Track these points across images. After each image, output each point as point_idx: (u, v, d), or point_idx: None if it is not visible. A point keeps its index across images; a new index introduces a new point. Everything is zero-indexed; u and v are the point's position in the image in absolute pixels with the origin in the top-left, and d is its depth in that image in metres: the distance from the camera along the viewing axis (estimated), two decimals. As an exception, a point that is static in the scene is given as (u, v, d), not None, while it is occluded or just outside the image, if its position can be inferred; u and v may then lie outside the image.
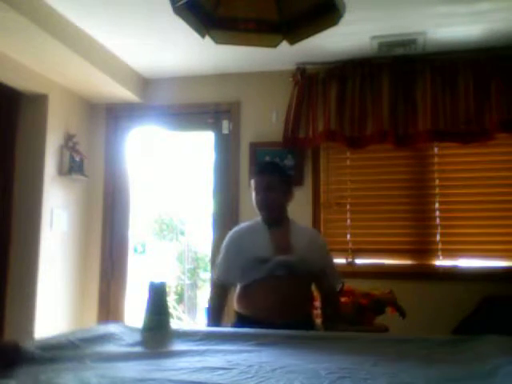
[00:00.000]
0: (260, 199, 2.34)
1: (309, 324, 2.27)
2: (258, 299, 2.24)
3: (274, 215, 2.35)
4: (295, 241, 2.32)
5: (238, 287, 2.36)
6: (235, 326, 2.29)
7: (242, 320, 2.29)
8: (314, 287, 2.43)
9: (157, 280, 1.77)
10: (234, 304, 2.39)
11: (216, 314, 2.39)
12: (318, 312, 2.66)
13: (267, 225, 2.35)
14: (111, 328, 1.74)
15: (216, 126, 3.73)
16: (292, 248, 2.28)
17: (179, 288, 6.02)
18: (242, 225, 2.50)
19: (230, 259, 2.37)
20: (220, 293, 2.43)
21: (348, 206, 3.49)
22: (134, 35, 3.15)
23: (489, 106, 3.13)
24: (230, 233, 2.46)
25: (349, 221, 3.48)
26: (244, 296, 2.32)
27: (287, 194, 2.39)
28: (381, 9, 2.79)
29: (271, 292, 2.21)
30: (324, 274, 2.35)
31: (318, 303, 2.51)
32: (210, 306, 2.45)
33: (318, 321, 2.47)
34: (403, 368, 1.30)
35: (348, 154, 3.50)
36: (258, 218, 2.42)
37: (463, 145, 3.22)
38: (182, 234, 6.29)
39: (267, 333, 1.74)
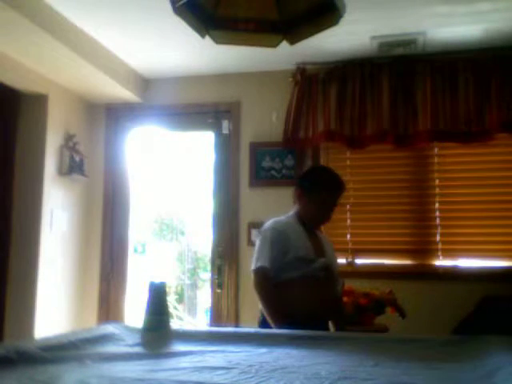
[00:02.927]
0: (330, 215, 2.41)
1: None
2: (298, 298, 2.22)
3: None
4: (325, 246, 2.41)
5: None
6: (264, 325, 2.23)
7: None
8: None
9: (157, 280, 1.76)
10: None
11: (282, 310, 2.20)
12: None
13: (303, 227, 2.36)
14: (111, 328, 1.74)
15: (216, 126, 3.73)
16: (325, 252, 2.36)
17: (179, 288, 6.03)
18: (281, 220, 2.40)
19: (274, 251, 2.25)
20: (270, 283, 2.23)
21: (348, 206, 3.49)
22: (134, 35, 3.15)
23: (489, 106, 3.13)
24: (272, 226, 2.35)
25: (349, 221, 3.48)
26: (281, 294, 2.23)
27: None
28: (381, 9, 2.79)
29: (311, 292, 2.23)
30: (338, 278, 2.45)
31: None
32: (269, 305, 2.21)
33: None
34: (403, 368, 1.30)
35: (348, 154, 3.50)
36: (287, 215, 2.42)
37: (463, 145, 3.22)
38: (182, 234, 6.29)
39: (268, 333, 1.74)
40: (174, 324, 1.87)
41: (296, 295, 2.24)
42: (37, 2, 2.67)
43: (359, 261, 3.42)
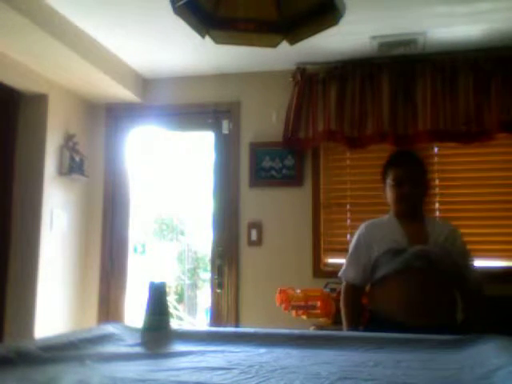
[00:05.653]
0: (403, 192, 2.23)
1: (454, 329, 1.94)
2: (394, 294, 2.12)
3: (413, 209, 2.26)
4: (432, 231, 2.20)
5: (370, 283, 2.27)
6: (368, 326, 2.20)
7: (376, 319, 2.18)
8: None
9: (157, 280, 1.77)
10: (369, 302, 2.30)
11: (353, 318, 2.26)
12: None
13: (400, 219, 2.26)
14: (111, 328, 1.74)
15: (216, 126, 3.73)
16: (429, 237, 2.16)
17: (179, 288, 6.03)
18: (372, 220, 2.40)
19: (361, 257, 2.27)
20: (353, 295, 2.30)
21: (348, 206, 3.49)
22: (134, 35, 3.14)
23: (489, 106, 3.13)
24: (359, 229, 2.38)
25: (349, 221, 3.48)
26: (377, 292, 2.20)
27: (427, 187, 2.34)
28: (381, 9, 2.79)
29: (409, 286, 2.09)
30: (467, 273, 2.23)
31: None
32: (345, 311, 2.28)
33: None
34: (404, 368, 1.30)
35: (348, 154, 3.50)
36: (387, 214, 2.37)
37: (463, 145, 3.22)
38: (182, 234, 6.30)
39: (268, 333, 1.74)
40: (174, 324, 1.87)
41: (392, 291, 2.13)
42: (37, 1, 2.67)
43: (359, 261, 3.41)
